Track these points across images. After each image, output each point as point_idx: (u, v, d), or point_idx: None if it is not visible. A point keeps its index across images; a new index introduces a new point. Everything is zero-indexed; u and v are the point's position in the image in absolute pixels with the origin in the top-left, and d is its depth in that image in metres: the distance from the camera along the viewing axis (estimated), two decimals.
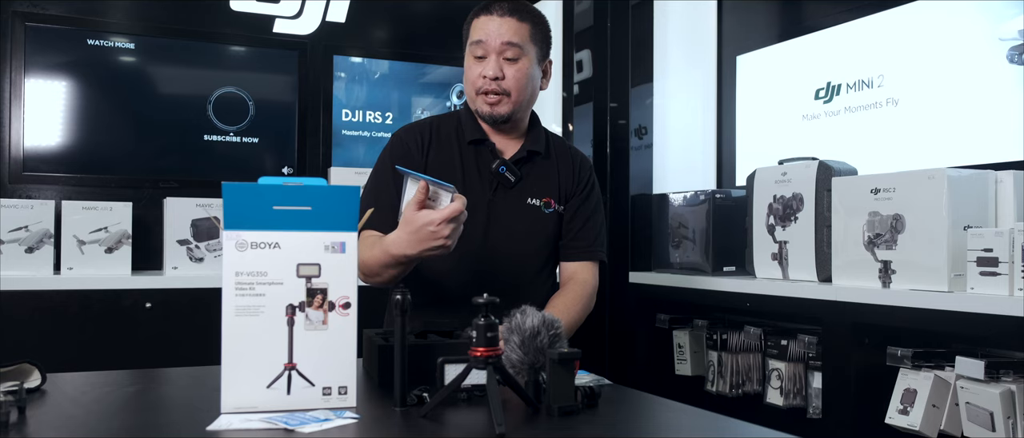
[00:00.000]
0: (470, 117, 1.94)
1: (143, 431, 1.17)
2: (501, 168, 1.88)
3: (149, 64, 3.23)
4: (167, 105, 3.25)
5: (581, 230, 1.94)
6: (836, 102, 2.65)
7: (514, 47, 1.84)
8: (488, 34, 1.84)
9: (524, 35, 1.86)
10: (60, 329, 2.67)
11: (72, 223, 2.79)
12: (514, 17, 1.86)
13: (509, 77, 1.84)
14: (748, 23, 3.12)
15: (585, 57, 3.54)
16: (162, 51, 3.25)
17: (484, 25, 1.85)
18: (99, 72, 3.15)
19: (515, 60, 1.85)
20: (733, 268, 2.68)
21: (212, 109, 3.31)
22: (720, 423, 1.25)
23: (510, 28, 1.84)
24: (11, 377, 1.32)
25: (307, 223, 1.23)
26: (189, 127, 3.28)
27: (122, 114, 3.19)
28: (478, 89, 1.86)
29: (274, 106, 3.41)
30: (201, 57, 3.31)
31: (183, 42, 3.28)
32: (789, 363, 2.42)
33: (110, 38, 3.18)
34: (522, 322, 1.28)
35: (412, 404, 1.25)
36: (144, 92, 3.22)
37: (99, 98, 3.15)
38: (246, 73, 3.38)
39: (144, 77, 3.22)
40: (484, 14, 1.87)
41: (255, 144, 3.38)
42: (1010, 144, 2.11)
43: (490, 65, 1.84)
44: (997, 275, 1.76)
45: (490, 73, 1.83)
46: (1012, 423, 1.77)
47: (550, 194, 1.92)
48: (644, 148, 3.30)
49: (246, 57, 3.39)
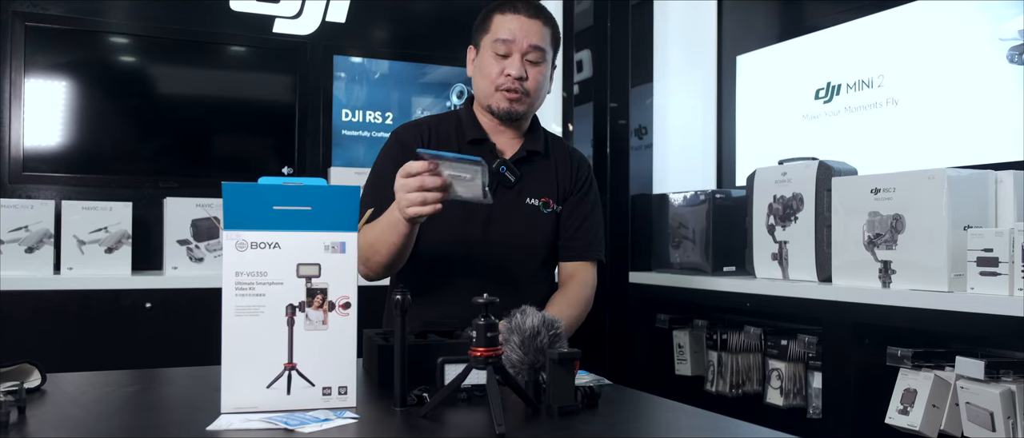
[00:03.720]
0: (470, 116, 1.94)
1: (143, 431, 1.17)
2: (501, 168, 1.88)
3: (149, 64, 3.23)
4: (167, 105, 3.25)
5: (579, 229, 1.95)
6: (836, 102, 2.65)
7: (539, 50, 1.86)
8: (515, 34, 1.84)
9: (547, 39, 1.89)
10: (60, 329, 2.67)
11: (72, 223, 2.78)
12: (539, 20, 1.87)
13: (531, 79, 1.86)
14: (748, 23, 3.12)
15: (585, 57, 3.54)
16: (162, 51, 3.25)
17: (510, 24, 1.85)
18: (99, 72, 3.15)
19: (538, 63, 1.86)
20: (733, 268, 2.68)
21: (212, 109, 3.31)
22: (720, 423, 1.25)
23: (537, 31, 1.86)
24: (11, 377, 1.32)
25: (307, 223, 1.23)
26: (189, 127, 3.28)
27: (122, 114, 3.19)
28: (499, 86, 1.86)
29: (274, 106, 3.41)
30: (201, 57, 3.31)
31: (183, 42, 3.28)
32: (789, 363, 2.42)
33: (110, 38, 3.18)
34: (522, 322, 1.28)
35: (412, 404, 1.25)
36: (144, 92, 3.22)
37: (99, 98, 3.15)
38: (246, 73, 3.38)
39: (144, 77, 3.22)
40: (511, 12, 1.87)
41: (255, 144, 3.38)
42: (1010, 144, 2.11)
43: (515, 65, 1.84)
44: (997, 275, 1.76)
45: (515, 73, 1.84)
46: (1012, 423, 1.77)
47: (548, 194, 1.93)
48: (644, 148, 3.30)
49: (246, 57, 3.39)
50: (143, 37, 3.22)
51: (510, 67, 1.85)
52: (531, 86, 1.86)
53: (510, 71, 1.84)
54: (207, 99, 3.31)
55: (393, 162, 1.88)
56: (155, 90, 3.24)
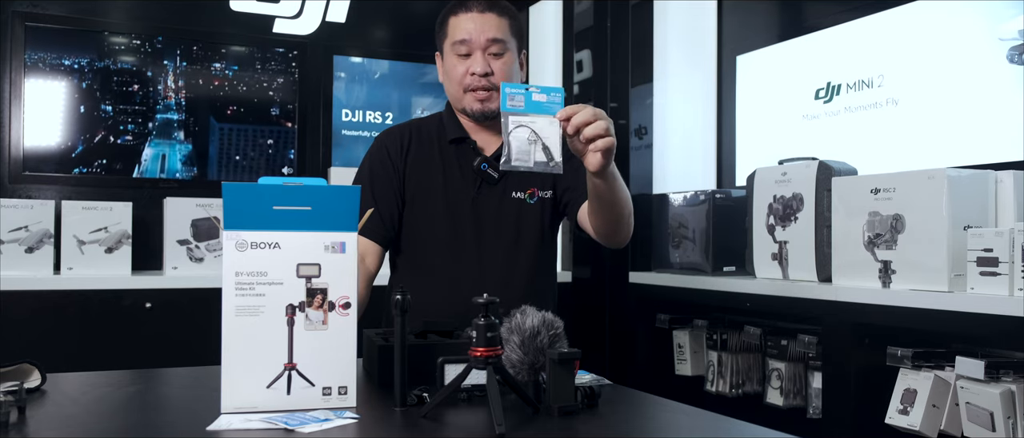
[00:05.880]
0: (451, 117, 1.94)
1: (143, 431, 1.17)
2: (483, 165, 1.88)
3: (149, 64, 3.23)
4: (167, 105, 3.25)
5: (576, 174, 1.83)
6: (836, 102, 2.64)
7: (498, 42, 1.85)
8: (471, 32, 1.84)
9: (505, 29, 1.87)
10: (60, 329, 2.67)
11: (72, 223, 2.78)
12: (493, 12, 1.86)
13: (497, 72, 1.85)
14: (748, 23, 3.12)
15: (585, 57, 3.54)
16: (162, 51, 3.25)
17: (464, 24, 1.85)
18: (99, 72, 3.15)
19: (500, 55, 1.86)
20: (733, 268, 2.68)
21: (212, 109, 3.31)
22: (720, 423, 1.25)
23: (492, 24, 1.85)
24: (11, 377, 1.32)
25: (307, 223, 1.23)
26: (189, 127, 3.28)
27: (122, 114, 3.19)
28: (467, 87, 1.86)
29: (274, 106, 3.41)
30: (201, 57, 3.31)
31: (183, 42, 3.28)
32: (789, 363, 2.42)
33: (110, 38, 3.18)
34: (522, 322, 1.28)
35: (412, 404, 1.25)
36: (144, 92, 3.22)
37: (99, 98, 3.15)
38: (246, 73, 3.38)
39: (144, 77, 3.23)
40: (462, 12, 1.86)
41: (255, 144, 3.38)
42: (1010, 144, 2.11)
43: (477, 62, 1.84)
44: (997, 275, 1.76)
45: (479, 69, 1.83)
46: (1012, 423, 1.77)
47: (533, 184, 1.91)
48: (644, 148, 3.30)
49: (246, 57, 3.39)
50: (143, 37, 3.22)
51: (474, 65, 1.84)
52: (498, 80, 1.84)
53: (474, 69, 1.84)
54: (207, 99, 3.31)
55: (380, 165, 1.89)
56: (155, 90, 3.24)
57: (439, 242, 1.87)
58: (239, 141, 3.36)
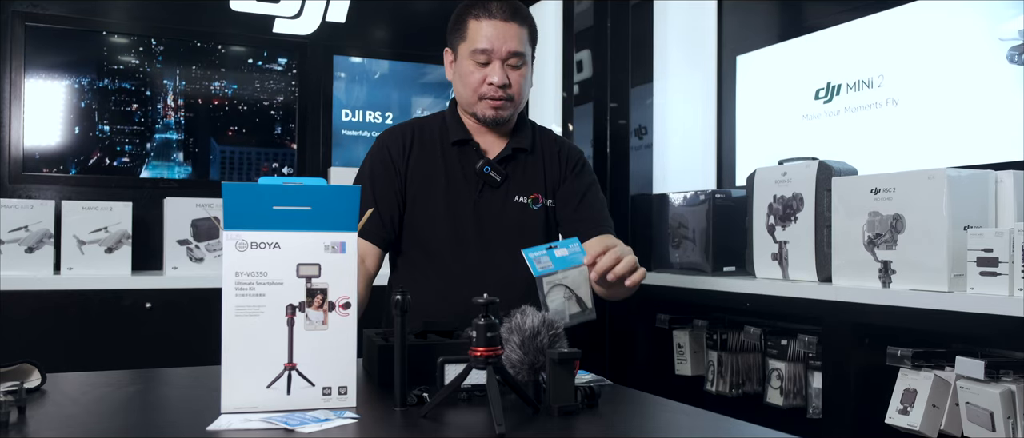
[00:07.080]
0: (455, 118, 1.93)
1: (143, 431, 1.17)
2: (486, 168, 1.87)
3: (149, 64, 3.23)
4: (167, 105, 3.25)
5: (579, 206, 1.90)
6: (836, 102, 2.64)
7: (519, 55, 1.83)
8: (492, 41, 1.81)
9: (525, 40, 1.85)
10: (60, 329, 2.67)
11: (72, 223, 2.79)
12: (515, 22, 1.83)
13: (515, 83, 1.84)
14: (748, 23, 3.12)
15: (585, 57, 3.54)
16: (162, 51, 3.25)
17: (486, 30, 1.82)
18: (99, 72, 3.15)
19: (519, 67, 1.84)
20: (733, 268, 2.68)
21: (212, 109, 3.32)
22: (720, 423, 1.25)
23: (515, 35, 1.82)
24: (11, 377, 1.32)
25: (307, 223, 1.23)
26: (189, 127, 3.28)
27: (122, 114, 3.19)
28: (482, 95, 1.84)
29: (274, 106, 3.41)
30: (201, 57, 3.31)
31: (183, 42, 3.28)
32: (789, 363, 2.42)
33: (110, 38, 3.18)
34: (522, 322, 1.28)
35: (412, 404, 1.25)
36: (144, 92, 3.22)
37: (99, 98, 3.15)
38: (246, 73, 3.38)
39: (144, 77, 3.23)
40: (484, 17, 1.83)
41: (255, 144, 3.38)
42: (1010, 144, 2.11)
43: (496, 72, 1.82)
44: (997, 275, 1.76)
45: (497, 80, 1.82)
46: (1012, 423, 1.77)
47: (537, 190, 1.91)
48: (644, 148, 3.30)
49: (246, 57, 3.39)
50: (143, 37, 3.22)
51: (491, 75, 1.82)
52: (515, 91, 1.84)
53: (492, 79, 1.82)
54: (207, 99, 3.31)
55: (381, 165, 1.88)
56: (155, 90, 3.24)
57: (440, 243, 1.87)
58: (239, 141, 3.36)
